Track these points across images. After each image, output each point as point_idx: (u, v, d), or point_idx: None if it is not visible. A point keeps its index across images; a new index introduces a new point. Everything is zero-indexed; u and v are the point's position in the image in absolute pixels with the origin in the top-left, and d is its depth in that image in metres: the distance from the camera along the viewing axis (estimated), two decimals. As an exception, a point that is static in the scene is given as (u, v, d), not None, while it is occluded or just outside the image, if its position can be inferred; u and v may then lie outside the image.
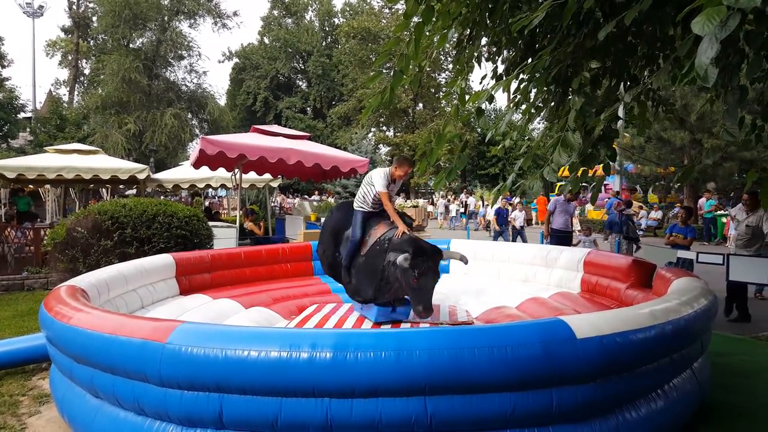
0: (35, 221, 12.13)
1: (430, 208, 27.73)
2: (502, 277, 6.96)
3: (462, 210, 24.88)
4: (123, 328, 2.92)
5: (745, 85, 2.32)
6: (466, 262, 5.07)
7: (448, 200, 27.19)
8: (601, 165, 3.42)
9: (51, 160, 11.13)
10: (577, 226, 11.50)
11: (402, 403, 2.55)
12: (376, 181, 5.06)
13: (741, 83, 2.34)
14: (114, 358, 2.87)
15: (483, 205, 24.27)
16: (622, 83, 3.57)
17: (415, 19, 3.27)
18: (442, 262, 7.51)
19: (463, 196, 26.82)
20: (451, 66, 33.32)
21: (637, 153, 18.82)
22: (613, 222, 9.76)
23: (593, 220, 19.04)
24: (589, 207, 21.34)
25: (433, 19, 3.29)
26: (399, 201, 23.38)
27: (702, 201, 17.32)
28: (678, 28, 3.01)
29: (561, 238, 8.59)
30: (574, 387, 2.69)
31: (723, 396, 3.98)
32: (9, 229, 9.52)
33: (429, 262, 4.48)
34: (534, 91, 3.76)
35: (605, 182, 19.90)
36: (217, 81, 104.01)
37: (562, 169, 3.11)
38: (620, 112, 3.25)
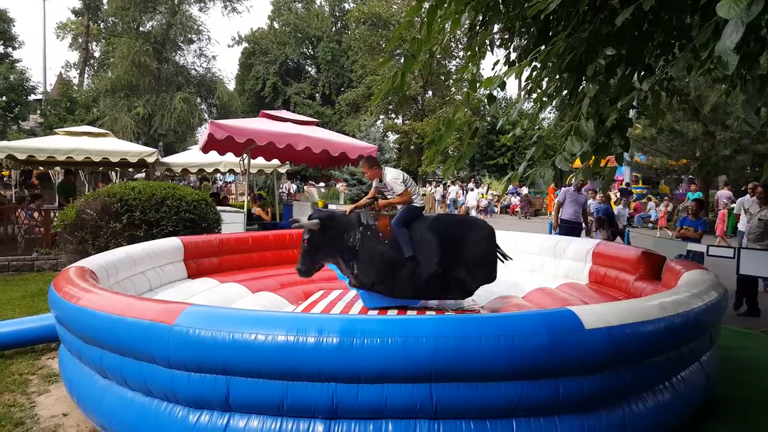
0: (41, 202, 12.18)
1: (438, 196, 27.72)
2: (509, 266, 6.93)
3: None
4: (131, 310, 2.93)
5: (765, 75, 2.27)
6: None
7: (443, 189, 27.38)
8: (613, 155, 3.37)
9: (61, 142, 11.17)
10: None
11: (408, 389, 2.55)
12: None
13: (761, 73, 2.29)
14: (122, 339, 2.89)
15: (463, 194, 24.48)
16: (636, 72, 3.51)
17: (428, 3, 3.23)
18: None
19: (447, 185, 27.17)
20: (461, 53, 33.05)
21: (648, 144, 18.59)
22: (609, 212, 9.70)
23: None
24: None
25: (446, 3, 3.24)
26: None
27: (720, 193, 16.96)
28: (696, 15, 2.94)
29: (570, 228, 8.53)
30: (581, 377, 2.68)
31: (731, 390, 3.95)
32: (19, 211, 9.60)
33: None
34: (546, 79, 3.71)
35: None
36: (227, 65, 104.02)
37: (574, 158, 3.06)
38: (633, 101, 3.20)
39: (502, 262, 5.21)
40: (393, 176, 5.23)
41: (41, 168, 15.86)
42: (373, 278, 4.91)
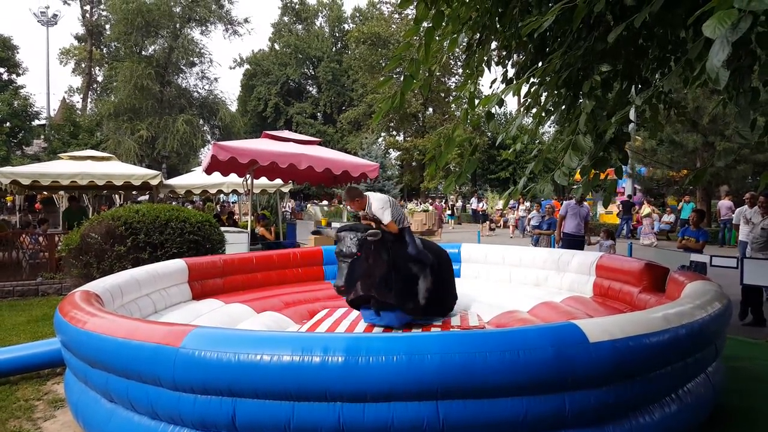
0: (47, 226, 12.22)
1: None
2: (514, 281, 6.94)
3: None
4: (137, 333, 2.95)
5: (756, 87, 2.31)
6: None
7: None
8: (613, 168, 3.41)
9: (65, 167, 11.27)
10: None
11: (414, 407, 2.55)
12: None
13: (753, 85, 2.33)
14: (128, 362, 2.89)
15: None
16: (633, 86, 3.56)
17: (426, 24, 3.29)
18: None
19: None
20: (461, 70, 33.36)
21: (649, 156, 18.66)
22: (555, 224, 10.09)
23: (604, 223, 18.90)
24: (600, 210, 21.22)
25: (444, 23, 3.31)
26: (410, 205, 23.38)
27: (721, 203, 16.94)
28: (689, 30, 3.00)
29: (572, 242, 8.53)
30: (587, 391, 2.68)
31: (738, 400, 3.93)
32: (24, 236, 9.66)
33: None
34: (545, 94, 3.76)
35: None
36: (229, 87, 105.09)
37: (574, 172, 3.10)
38: (632, 115, 3.24)
39: None
40: (378, 205, 4.94)
41: (45, 193, 15.97)
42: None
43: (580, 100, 3.51)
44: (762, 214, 6.98)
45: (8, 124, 25.20)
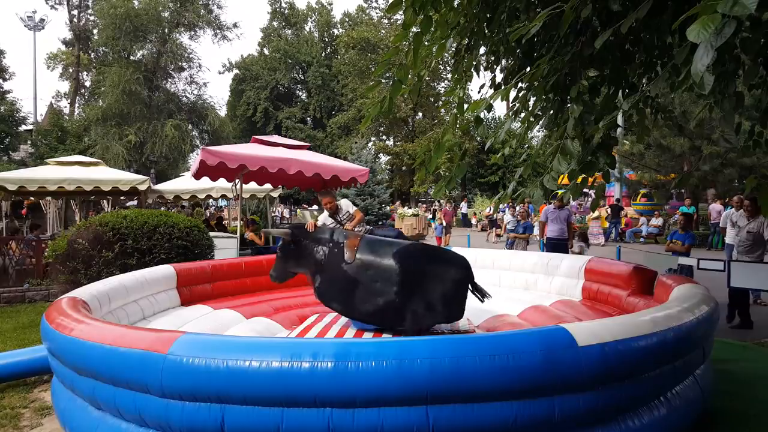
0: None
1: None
2: (503, 285, 6.95)
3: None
4: (124, 339, 2.92)
5: (741, 92, 2.34)
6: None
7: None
8: (601, 173, 3.43)
9: (52, 172, 11.15)
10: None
11: (403, 412, 2.54)
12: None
13: (737, 90, 2.36)
14: (115, 369, 2.87)
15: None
16: (620, 91, 3.59)
17: (414, 29, 3.30)
18: None
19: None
20: (450, 75, 33.52)
21: (637, 160, 18.82)
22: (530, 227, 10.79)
23: (582, 227, 19.06)
24: (588, 215, 21.35)
25: (432, 29, 3.32)
26: (400, 210, 23.39)
27: (712, 206, 17.06)
28: (676, 35, 3.03)
29: (555, 245, 8.59)
30: (576, 395, 2.69)
31: (727, 403, 3.96)
32: (11, 242, 9.54)
33: None
34: (533, 99, 3.78)
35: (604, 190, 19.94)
36: (218, 92, 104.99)
37: (561, 176, 3.12)
38: (619, 120, 3.27)
39: (481, 301, 4.90)
40: (347, 202, 5.79)
41: (32, 198, 15.78)
42: (332, 296, 4.96)
43: (568, 105, 3.53)
44: (747, 218, 7.07)
45: (-6, 129, 24.93)
